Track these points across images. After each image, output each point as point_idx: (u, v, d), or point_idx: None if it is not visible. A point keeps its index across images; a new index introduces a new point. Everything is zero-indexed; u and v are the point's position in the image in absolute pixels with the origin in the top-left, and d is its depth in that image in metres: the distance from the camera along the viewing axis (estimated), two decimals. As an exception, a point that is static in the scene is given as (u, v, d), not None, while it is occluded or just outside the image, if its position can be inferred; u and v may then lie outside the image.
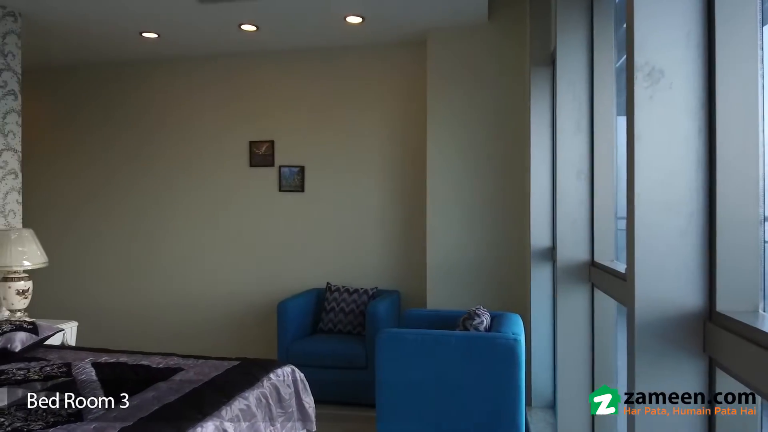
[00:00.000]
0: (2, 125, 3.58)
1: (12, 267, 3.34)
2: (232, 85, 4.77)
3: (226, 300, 4.78)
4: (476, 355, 2.68)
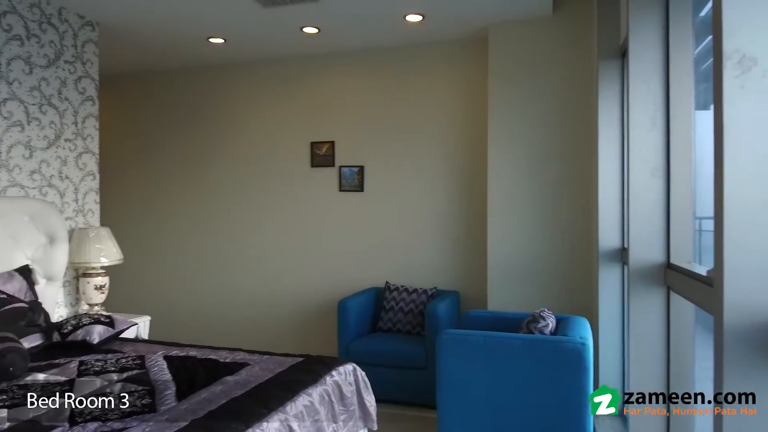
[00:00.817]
0: (81, 129, 3.79)
1: (90, 263, 3.54)
2: (294, 87, 4.86)
3: (288, 297, 4.87)
4: (541, 359, 2.60)
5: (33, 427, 1.80)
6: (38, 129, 3.47)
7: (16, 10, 3.31)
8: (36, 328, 2.83)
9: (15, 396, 2.08)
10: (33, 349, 2.66)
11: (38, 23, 3.46)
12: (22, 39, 3.35)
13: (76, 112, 3.74)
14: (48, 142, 3.54)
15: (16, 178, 3.33)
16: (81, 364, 2.50)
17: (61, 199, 3.65)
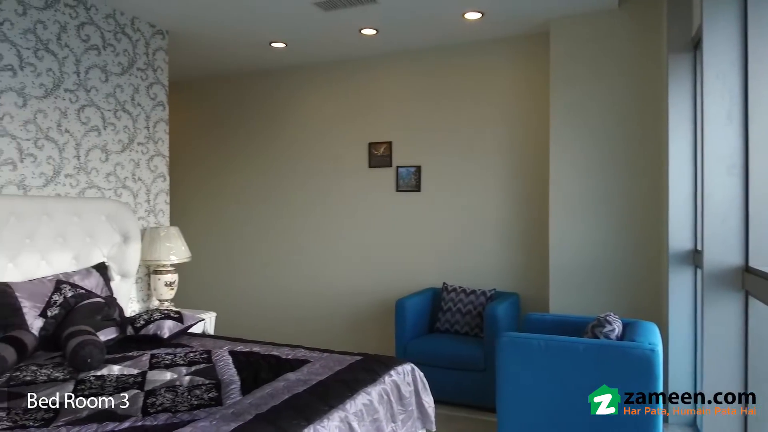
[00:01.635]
0: (153, 133, 3.99)
1: (161, 261, 3.71)
2: (352, 89, 4.92)
3: (345, 296, 4.93)
4: (607, 365, 2.51)
5: (109, 416, 1.90)
6: (113, 133, 3.67)
7: (93, 21, 3.52)
8: (111, 322, 2.99)
9: (93, 386, 2.21)
10: (108, 342, 2.81)
11: (113, 33, 3.66)
12: (98, 48, 3.55)
13: (148, 117, 3.94)
14: (122, 145, 3.74)
15: (93, 180, 3.54)
16: (152, 357, 2.62)
17: (134, 199, 3.84)
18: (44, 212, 3.09)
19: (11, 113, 3.05)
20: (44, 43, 3.22)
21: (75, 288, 3.01)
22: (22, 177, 3.11)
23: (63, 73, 3.33)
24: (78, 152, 3.43)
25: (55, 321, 2.83)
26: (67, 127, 3.36)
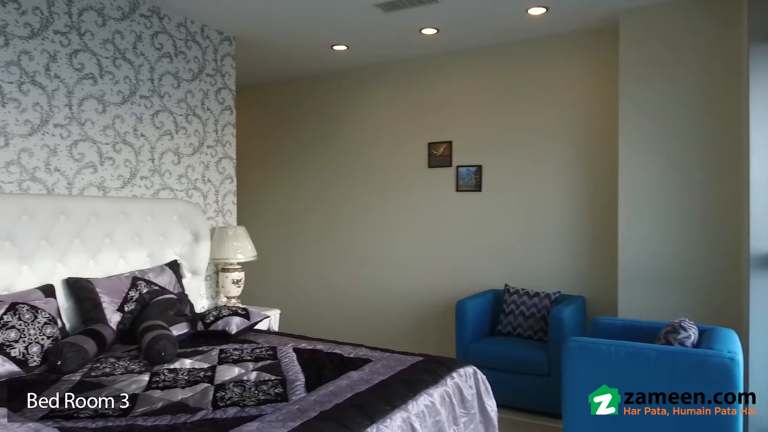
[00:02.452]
0: (221, 137, 4.14)
1: (229, 259, 3.84)
2: (412, 89, 4.91)
3: (404, 296, 4.94)
4: (682, 373, 2.38)
5: (182, 408, 1.99)
6: (185, 137, 3.84)
7: (165, 30, 3.69)
8: (183, 317, 3.13)
9: (166, 379, 2.32)
10: (180, 337, 2.94)
11: (184, 41, 3.82)
12: (171, 56, 3.72)
13: (217, 121, 4.09)
14: (193, 148, 3.90)
15: (166, 181, 3.71)
16: (221, 352, 2.72)
17: (204, 200, 4.00)
18: (122, 212, 3.27)
19: (92, 119, 3.25)
20: (122, 52, 3.40)
21: (150, 284, 3.17)
22: (102, 179, 3.30)
23: (138, 80, 3.51)
24: (152, 155, 3.61)
25: (131, 316, 2.99)
26: (143, 131, 3.55)
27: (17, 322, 2.41)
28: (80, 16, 3.16)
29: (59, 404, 2.00)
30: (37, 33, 2.96)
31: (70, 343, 2.45)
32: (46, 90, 3.01)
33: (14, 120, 2.87)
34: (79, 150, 3.18)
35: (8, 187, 2.84)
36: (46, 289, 2.79)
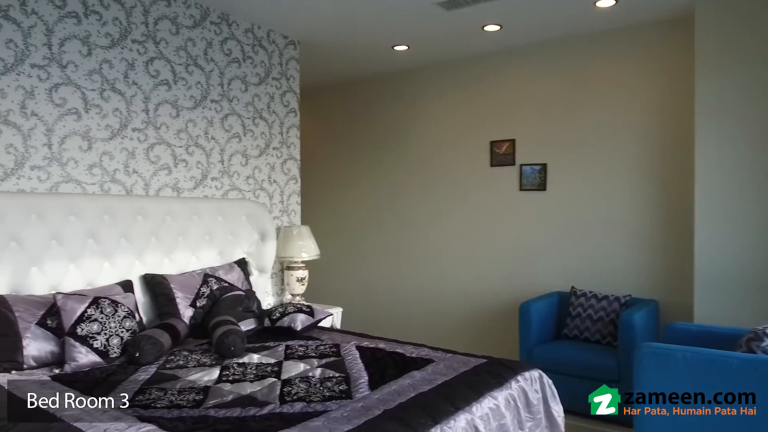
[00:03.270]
0: (286, 138, 4.24)
1: (293, 258, 3.94)
2: (473, 87, 4.85)
3: (465, 296, 4.89)
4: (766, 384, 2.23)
5: (251, 401, 2.05)
6: (252, 139, 3.96)
7: (234, 36, 3.82)
8: (250, 313, 3.23)
9: (235, 372, 2.40)
10: (248, 332, 3.04)
11: (251, 46, 3.95)
12: (239, 61, 3.86)
13: (282, 123, 4.20)
14: (260, 150, 4.02)
15: (235, 182, 3.84)
16: (287, 348, 2.79)
17: (270, 200, 4.12)
18: (194, 212, 3.42)
19: (167, 123, 3.41)
20: (193, 59, 3.55)
21: (220, 281, 3.29)
22: (176, 180, 3.47)
23: (209, 86, 3.65)
24: (222, 157, 3.75)
25: (202, 311, 3.11)
26: (213, 134, 3.69)
27: (99, 315, 2.57)
28: (156, 25, 3.33)
29: (138, 394, 2.11)
30: (116, 42, 3.14)
31: (147, 336, 2.58)
32: (124, 96, 3.19)
33: (96, 125, 3.06)
34: (155, 153, 3.35)
35: (91, 188, 3.04)
36: (125, 284, 2.96)
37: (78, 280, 2.84)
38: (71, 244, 2.80)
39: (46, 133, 2.84)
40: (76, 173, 2.97)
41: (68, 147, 2.93)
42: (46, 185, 2.84)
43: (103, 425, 1.77)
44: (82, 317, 2.51)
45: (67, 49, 2.91)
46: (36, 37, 2.79)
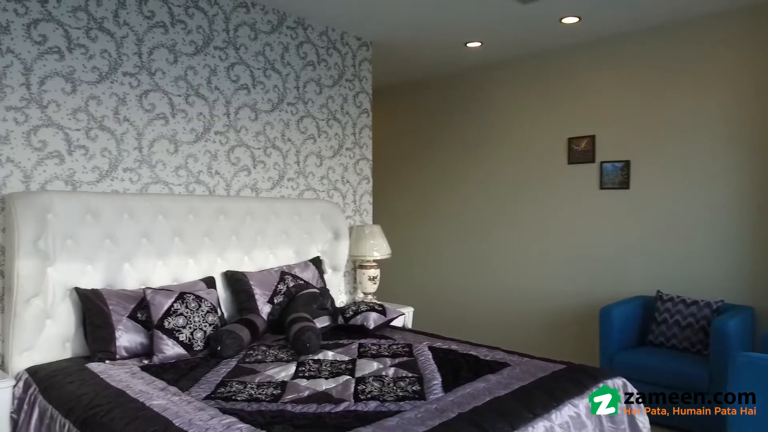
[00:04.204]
0: (358, 139, 4.29)
1: (365, 257, 3.97)
2: (550, 82, 4.69)
3: (541, 299, 4.74)
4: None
5: (326, 398, 2.08)
6: (326, 140, 4.04)
7: (309, 40, 3.90)
8: (325, 311, 3.29)
9: (311, 369, 2.45)
10: (323, 329, 3.09)
11: (326, 49, 4.02)
12: (314, 64, 3.94)
13: (355, 124, 4.25)
14: (333, 151, 4.09)
15: (310, 183, 3.93)
16: (360, 346, 2.81)
17: (343, 200, 4.18)
18: (272, 212, 3.52)
19: (246, 126, 3.54)
20: (271, 63, 3.66)
21: (296, 279, 3.38)
22: (254, 181, 3.59)
23: (285, 89, 3.75)
24: (298, 158, 3.84)
25: (279, 307, 3.20)
26: (289, 136, 3.79)
27: (185, 309, 2.70)
28: (236, 31, 3.46)
29: (219, 387, 2.20)
30: (200, 50, 3.29)
31: (228, 331, 2.69)
32: (207, 101, 3.33)
33: (182, 129, 3.22)
34: (236, 155, 3.48)
35: (177, 188, 3.20)
36: (208, 280, 3.10)
37: (165, 275, 3.00)
38: (159, 241, 2.97)
39: (137, 137, 3.02)
40: (164, 175, 3.14)
41: (156, 150, 3.10)
42: (137, 186, 3.03)
43: (188, 415, 1.86)
44: (169, 311, 2.65)
45: (155, 57, 3.09)
46: (127, 47, 2.98)
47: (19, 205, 2.45)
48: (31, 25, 2.64)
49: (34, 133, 2.66)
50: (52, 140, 2.72)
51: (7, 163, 2.58)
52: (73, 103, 2.78)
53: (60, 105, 2.74)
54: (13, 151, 2.60)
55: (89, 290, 2.64)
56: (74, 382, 2.24)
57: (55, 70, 2.72)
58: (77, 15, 2.79)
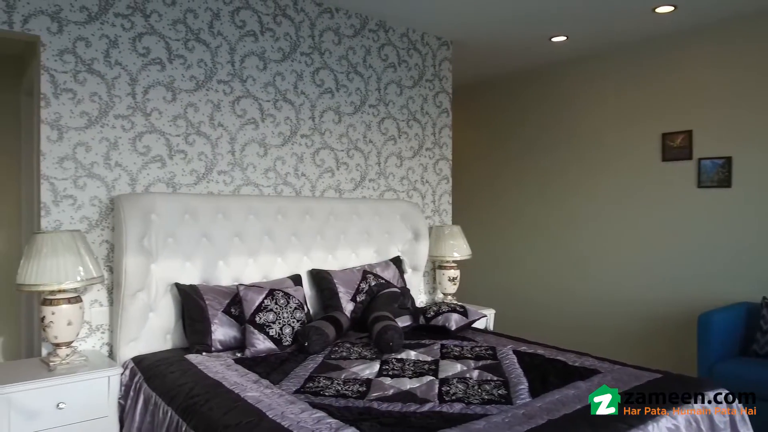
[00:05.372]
0: (438, 139, 4.28)
1: (445, 257, 3.96)
2: (640, 76, 4.46)
3: (631, 304, 4.51)
4: None
5: (411, 397, 2.10)
6: (406, 141, 4.06)
7: (390, 42, 3.94)
8: (405, 310, 3.31)
9: (394, 367, 2.47)
10: (404, 329, 3.11)
11: (406, 50, 4.04)
12: (395, 66, 3.97)
13: (434, 124, 4.24)
14: (413, 151, 4.11)
15: (390, 183, 3.97)
16: (442, 347, 2.80)
17: (422, 200, 4.19)
18: (354, 212, 3.59)
19: (330, 129, 3.63)
20: (353, 66, 3.74)
21: (377, 278, 3.43)
22: (338, 182, 3.68)
23: (367, 91, 3.82)
24: (379, 159, 3.90)
25: (362, 306, 3.26)
26: (371, 137, 3.85)
27: (274, 306, 2.81)
28: (321, 37, 3.56)
29: (308, 382, 2.27)
30: (287, 56, 3.41)
31: (315, 328, 2.77)
32: (294, 105, 3.45)
33: (271, 133, 3.35)
34: (320, 157, 3.58)
35: (266, 190, 3.34)
36: (295, 278, 3.21)
37: (255, 273, 3.14)
38: (250, 240, 3.11)
39: (230, 141, 3.18)
40: (255, 177, 3.28)
41: (248, 153, 3.25)
42: (230, 188, 3.19)
43: (280, 408, 1.93)
44: (260, 307, 2.77)
45: (246, 65, 3.24)
46: (221, 56, 3.14)
47: (127, 206, 2.65)
48: (136, 39, 2.85)
49: (139, 139, 2.87)
50: (155, 145, 2.92)
51: (116, 167, 2.80)
52: (173, 110, 2.98)
53: (162, 112, 2.94)
54: (121, 156, 2.81)
55: (188, 286, 2.81)
56: (175, 372, 2.39)
57: (157, 79, 2.92)
58: (176, 27, 2.98)
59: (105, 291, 2.78)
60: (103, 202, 2.77)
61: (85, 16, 2.70)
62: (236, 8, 3.19)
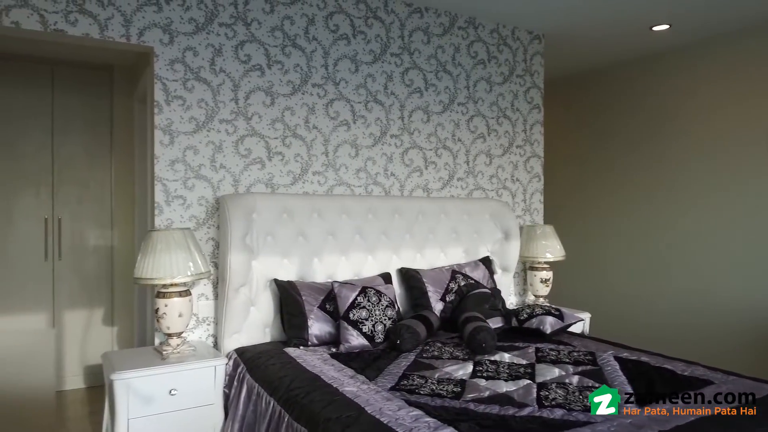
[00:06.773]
0: (529, 136, 4.17)
1: (537, 258, 3.85)
2: (750, 63, 4.10)
3: (743, 310, 4.16)
4: None
5: (508, 400, 2.05)
6: (495, 138, 3.99)
7: (480, 38, 3.89)
8: (497, 312, 3.25)
9: (488, 369, 2.44)
10: (496, 330, 3.05)
11: (496, 46, 3.97)
12: (484, 62, 3.91)
13: (525, 121, 4.14)
14: (503, 149, 4.03)
15: (479, 182, 3.92)
16: (537, 351, 2.73)
17: (512, 199, 4.10)
18: (442, 211, 3.58)
19: (419, 128, 3.64)
20: (442, 65, 3.72)
21: (466, 278, 3.39)
22: (426, 181, 3.68)
23: (456, 89, 3.79)
24: (467, 158, 3.86)
25: (451, 305, 3.24)
26: (459, 136, 3.82)
27: (367, 303, 2.86)
28: (410, 37, 3.58)
29: (402, 379, 2.29)
30: (378, 57, 3.46)
31: (406, 326, 2.79)
32: (384, 106, 3.49)
33: (362, 134, 3.42)
34: (409, 156, 3.60)
35: (358, 190, 3.40)
36: (385, 276, 3.25)
37: (347, 270, 3.21)
38: (343, 238, 3.19)
39: (324, 143, 3.28)
40: (347, 177, 3.36)
41: (340, 154, 3.33)
42: (324, 188, 3.28)
43: (377, 404, 1.97)
44: (353, 304, 2.83)
45: (339, 68, 3.32)
46: (316, 60, 3.24)
47: (231, 205, 2.80)
48: (238, 47, 3.00)
49: (241, 142, 3.02)
50: (255, 148, 3.06)
51: (221, 169, 2.97)
52: (271, 114, 3.11)
53: (261, 116, 3.08)
54: (225, 158, 2.98)
55: (286, 282, 2.93)
56: (276, 365, 2.50)
57: (257, 85, 3.06)
58: (275, 34, 3.10)
59: (210, 285, 2.95)
60: (209, 201, 2.94)
61: (193, 27, 2.88)
62: (330, 13, 3.28)
